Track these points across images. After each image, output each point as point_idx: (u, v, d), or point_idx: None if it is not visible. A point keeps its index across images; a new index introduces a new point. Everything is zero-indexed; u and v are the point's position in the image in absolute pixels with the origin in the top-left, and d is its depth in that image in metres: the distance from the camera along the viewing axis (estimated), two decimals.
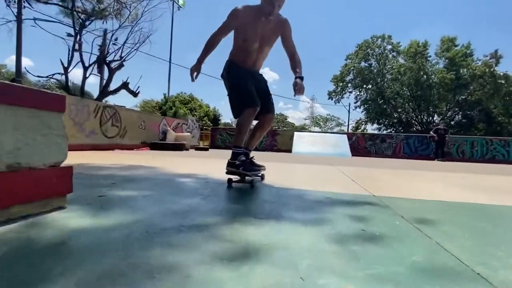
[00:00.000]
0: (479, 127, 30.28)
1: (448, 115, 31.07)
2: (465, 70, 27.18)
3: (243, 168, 2.03)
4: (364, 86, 32.73)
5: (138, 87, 12.54)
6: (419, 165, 6.67)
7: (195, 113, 47.82)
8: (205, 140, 13.44)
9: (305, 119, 45.71)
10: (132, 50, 13.01)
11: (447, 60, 27.77)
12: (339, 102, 34.59)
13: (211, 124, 47.75)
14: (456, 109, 30.61)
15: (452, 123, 30.67)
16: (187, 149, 9.32)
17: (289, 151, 11.57)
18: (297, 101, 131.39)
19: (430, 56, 29.42)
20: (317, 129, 43.37)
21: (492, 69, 25.78)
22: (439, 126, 11.44)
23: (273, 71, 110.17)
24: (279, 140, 13.47)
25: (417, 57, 28.57)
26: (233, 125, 55.79)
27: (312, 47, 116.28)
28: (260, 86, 2.29)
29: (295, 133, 12.91)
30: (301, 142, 12.17)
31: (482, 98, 26.29)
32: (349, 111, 37.57)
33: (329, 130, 51.04)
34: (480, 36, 76.34)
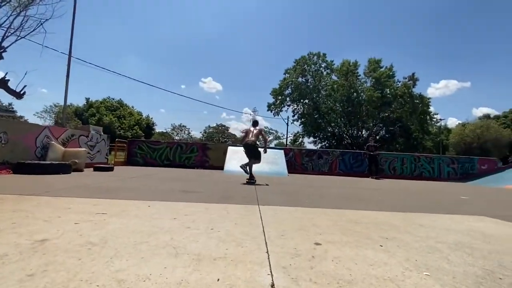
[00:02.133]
0: (400, 141, 33.48)
1: (374, 130, 33.66)
2: (388, 90, 29.77)
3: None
4: (301, 100, 33.46)
5: (24, 86, 9.65)
6: (363, 193, 5.78)
7: (124, 121, 42.95)
8: (117, 156, 10.99)
9: (242, 132, 44.98)
10: (19, 38, 10.10)
11: (373, 80, 30.07)
12: (278, 115, 34.70)
13: (143, 134, 43.63)
14: (381, 124, 33.34)
15: (377, 137, 33.28)
16: (80, 170, 7.01)
17: (223, 168, 10.05)
18: (239, 112, 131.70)
19: (359, 75, 31.59)
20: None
21: (410, 90, 28.72)
22: (370, 143, 11.34)
23: (216, 81, 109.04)
24: (211, 155, 11.84)
25: (349, 76, 30.34)
26: (172, 134, 51.86)
27: (256, 59, 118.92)
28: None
29: (229, 147, 11.47)
30: (235, 158, 10.75)
31: (402, 116, 28.97)
32: (287, 124, 38.11)
33: (267, 143, 51.38)
34: (400, 60, 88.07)
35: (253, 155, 6.16)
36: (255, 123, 6.74)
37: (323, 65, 33.35)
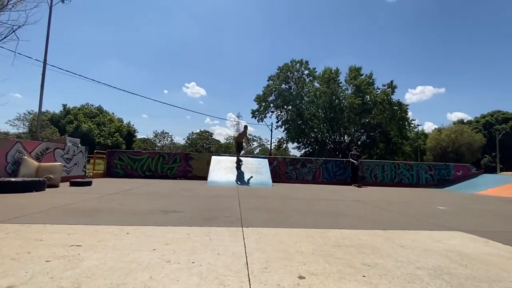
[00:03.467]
0: (380, 146, 34.50)
1: (355, 135, 34.51)
2: (368, 96, 30.70)
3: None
4: (285, 107, 33.85)
5: None
6: (346, 206, 5.87)
7: (104, 128, 41.63)
8: (95, 167, 10.59)
9: (227, 140, 44.17)
10: None
11: (354, 87, 30.94)
12: (262, 121, 34.87)
13: (124, 141, 42.47)
14: (362, 130, 34.26)
15: (359, 142, 34.15)
16: (55, 186, 6.68)
17: (206, 178, 9.89)
18: (224, 119, 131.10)
19: (341, 83, 32.43)
20: None
21: (389, 97, 29.74)
22: (352, 152, 11.58)
23: (199, 86, 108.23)
24: (195, 165, 11.65)
25: (330, 83, 31.06)
26: (154, 141, 50.87)
27: (240, 65, 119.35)
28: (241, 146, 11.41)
29: (213, 157, 11.35)
30: (219, 168, 10.65)
31: (382, 122, 29.91)
32: (271, 130, 38.34)
33: (251, 151, 51.45)
34: (379, 66, 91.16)
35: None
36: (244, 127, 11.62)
37: (305, 72, 34.00)
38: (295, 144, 36.39)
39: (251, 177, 10.04)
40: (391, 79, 34.68)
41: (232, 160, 11.18)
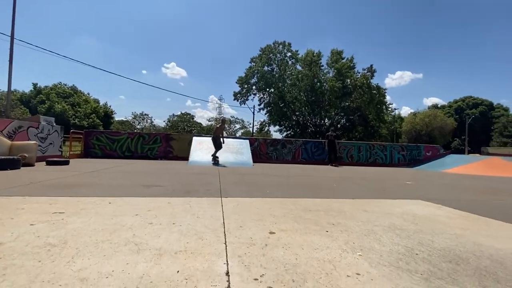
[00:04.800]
0: (359, 129, 35.54)
1: (336, 119, 35.28)
2: (348, 80, 31.23)
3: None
4: (267, 89, 33.81)
5: None
6: (321, 181, 6.18)
7: (79, 109, 39.87)
8: (72, 148, 10.33)
9: (209, 121, 43.54)
10: None
11: (336, 71, 31.29)
12: (244, 104, 34.74)
13: (101, 123, 41.01)
14: (342, 113, 35.02)
15: (339, 125, 35.01)
16: (30, 164, 6.54)
17: (187, 159, 9.95)
18: (205, 101, 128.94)
19: (322, 66, 32.63)
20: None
21: (368, 81, 30.41)
22: (329, 133, 11.96)
23: (180, 67, 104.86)
24: (175, 146, 11.63)
25: (312, 66, 31.18)
26: (133, 123, 49.44)
27: (221, 46, 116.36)
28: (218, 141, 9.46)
29: (194, 138, 11.35)
30: (200, 148, 10.71)
31: (361, 105, 30.72)
32: (253, 113, 38.35)
33: (233, 133, 51.40)
34: (360, 51, 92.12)
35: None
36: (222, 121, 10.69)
37: (288, 55, 33.83)
38: (277, 127, 36.77)
39: (232, 157, 10.21)
40: (371, 63, 35.35)
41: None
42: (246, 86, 33.85)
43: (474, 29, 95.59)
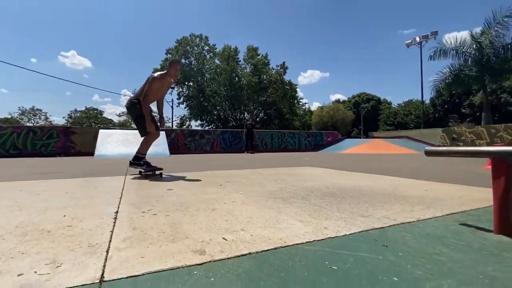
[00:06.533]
0: (275, 122, 38.17)
1: (255, 113, 36.99)
2: (264, 76, 33.08)
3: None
4: (186, 83, 32.95)
5: None
6: (233, 162, 6.57)
7: None
8: None
9: (119, 115, 39.09)
10: None
11: (252, 66, 32.68)
12: None
13: None
14: (260, 108, 36.92)
15: (258, 119, 36.88)
16: None
17: (93, 154, 9.04)
18: (118, 94, 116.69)
19: (240, 61, 33.61)
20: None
21: (281, 77, 32.84)
22: (247, 121, 12.66)
23: (82, 56, 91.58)
24: (78, 140, 10.38)
25: (230, 60, 31.82)
26: (20, 120, 41.15)
27: (133, 36, 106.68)
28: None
29: (101, 131, 10.33)
30: (109, 141, 9.87)
31: (276, 100, 33.00)
32: (172, 107, 36.86)
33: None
34: (273, 49, 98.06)
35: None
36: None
37: (205, 48, 33.60)
38: (198, 122, 36.30)
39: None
40: (284, 61, 38.23)
41: (126, 133, 10.52)
42: None
43: (368, 35, 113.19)
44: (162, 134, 11.05)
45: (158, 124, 3.48)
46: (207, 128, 37.07)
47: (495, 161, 1.19)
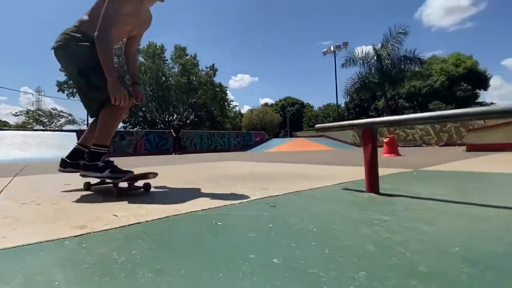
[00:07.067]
0: (206, 124, 37.73)
1: (184, 114, 35.83)
2: (194, 77, 32.37)
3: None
4: None
5: None
6: (159, 161, 6.26)
7: None
8: None
9: (16, 115, 32.08)
10: None
11: (180, 66, 31.62)
12: (73, 96, 29.09)
13: None
14: (190, 109, 35.97)
15: (188, 121, 35.82)
16: None
17: None
18: (17, 91, 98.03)
19: (167, 60, 32.13)
20: (41, 127, 30.88)
21: (211, 79, 32.66)
22: (175, 122, 12.20)
23: None
24: None
25: (156, 59, 30.16)
26: None
27: (28, 28, 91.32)
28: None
29: None
30: (1, 145, 8.23)
31: (206, 102, 32.65)
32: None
33: (57, 129, 42.23)
34: (202, 51, 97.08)
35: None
36: None
37: None
38: (121, 124, 33.16)
39: (52, 152, 8.49)
40: (215, 63, 38.18)
41: (23, 135, 8.92)
42: None
43: (293, 43, 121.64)
44: (73, 135, 9.84)
45: (131, 89, 1.79)
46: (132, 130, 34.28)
47: (365, 131, 1.44)
